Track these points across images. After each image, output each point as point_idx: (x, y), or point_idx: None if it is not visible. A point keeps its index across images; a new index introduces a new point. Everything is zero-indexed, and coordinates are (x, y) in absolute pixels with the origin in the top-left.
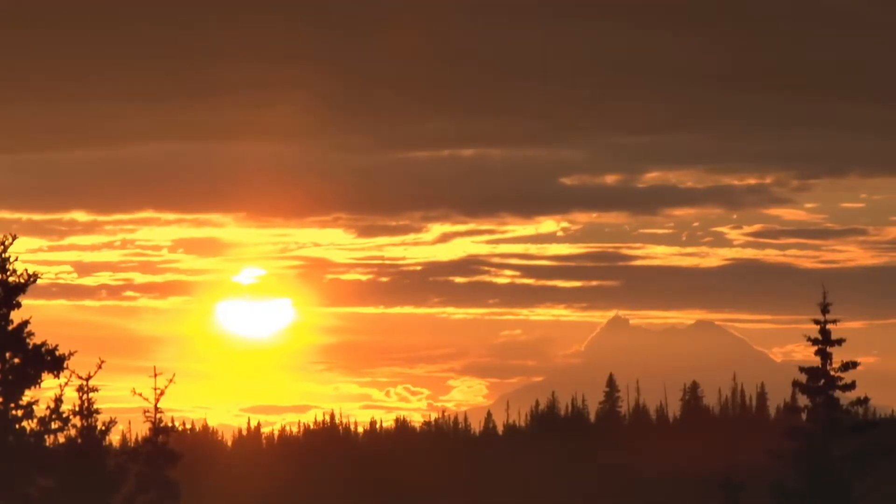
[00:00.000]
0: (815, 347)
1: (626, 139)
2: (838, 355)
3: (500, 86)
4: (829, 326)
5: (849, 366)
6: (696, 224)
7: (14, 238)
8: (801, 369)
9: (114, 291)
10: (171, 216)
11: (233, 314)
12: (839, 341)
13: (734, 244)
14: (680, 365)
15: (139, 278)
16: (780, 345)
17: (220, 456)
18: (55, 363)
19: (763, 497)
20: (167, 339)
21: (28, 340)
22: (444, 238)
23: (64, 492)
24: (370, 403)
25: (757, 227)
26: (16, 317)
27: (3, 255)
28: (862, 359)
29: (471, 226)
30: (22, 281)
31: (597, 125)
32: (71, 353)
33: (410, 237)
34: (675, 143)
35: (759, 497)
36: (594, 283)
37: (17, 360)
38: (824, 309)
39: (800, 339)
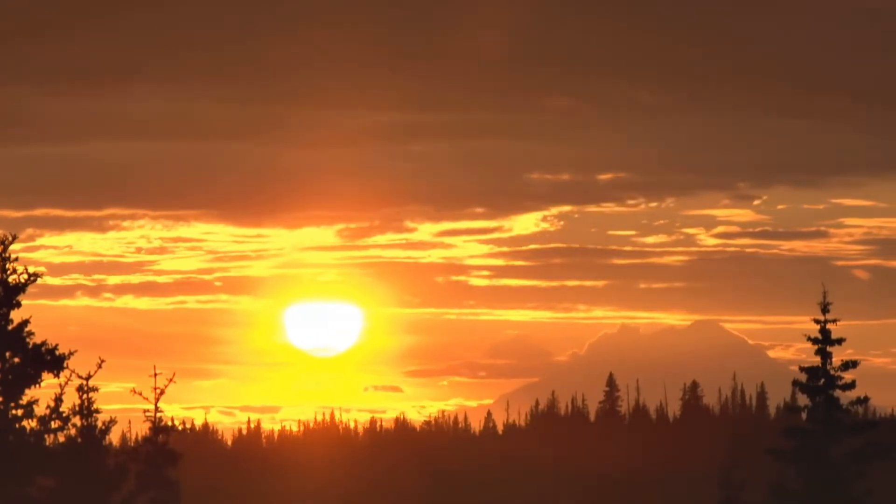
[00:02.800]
0: (815, 346)
1: (584, 135)
2: (837, 354)
3: (464, 80)
4: (828, 326)
5: (849, 365)
6: (677, 224)
7: (14, 237)
8: (801, 368)
9: (91, 291)
10: (140, 213)
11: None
12: (839, 340)
13: (710, 244)
14: (680, 364)
15: (113, 279)
16: (779, 344)
17: (219, 456)
18: (55, 363)
19: (763, 497)
20: (151, 338)
21: (28, 340)
22: (425, 237)
23: (64, 491)
24: (359, 404)
25: (725, 228)
26: (16, 316)
27: (3, 255)
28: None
29: (448, 224)
30: (22, 280)
31: (560, 121)
32: (71, 353)
33: (389, 236)
34: (642, 141)
35: (759, 497)
36: (586, 282)
37: (16, 360)
38: (824, 308)
39: (799, 338)
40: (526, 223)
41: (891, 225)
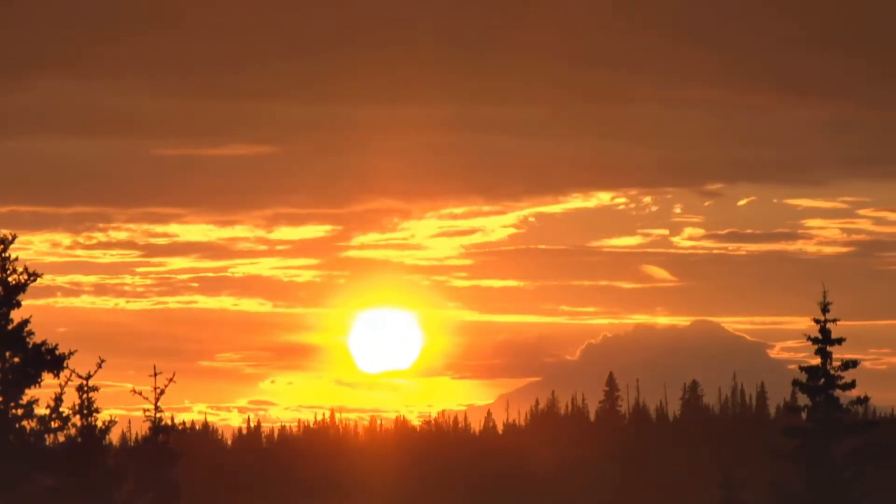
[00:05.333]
0: (815, 346)
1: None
2: (838, 354)
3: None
4: (828, 325)
5: (849, 365)
6: (658, 223)
7: (14, 237)
8: (801, 368)
9: (70, 293)
10: (112, 212)
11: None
12: (839, 340)
13: (686, 245)
14: (680, 364)
15: (89, 279)
16: (779, 344)
17: (219, 456)
18: (55, 362)
19: (763, 497)
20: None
21: (28, 340)
22: (404, 237)
23: (64, 491)
24: (355, 403)
25: (704, 230)
26: (16, 316)
27: (3, 255)
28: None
29: (428, 223)
30: (22, 280)
31: (538, 121)
32: (71, 353)
33: (373, 236)
34: (610, 145)
35: (759, 497)
36: (575, 282)
37: (16, 360)
38: (824, 308)
39: (800, 337)
40: (505, 223)
41: (855, 226)
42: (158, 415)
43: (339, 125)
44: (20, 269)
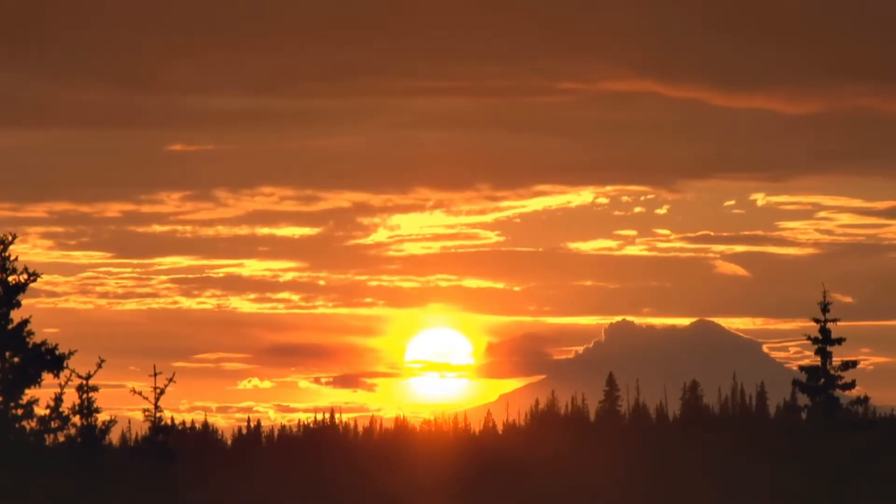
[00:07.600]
0: (815, 346)
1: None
2: (838, 354)
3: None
4: (828, 326)
5: (848, 365)
6: (646, 223)
7: (14, 237)
8: (801, 368)
9: (51, 294)
10: (84, 210)
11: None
12: (839, 340)
13: (674, 246)
14: (680, 364)
15: (70, 279)
16: (779, 343)
17: (220, 455)
18: (55, 362)
19: (763, 497)
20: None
21: (28, 340)
22: (382, 238)
23: (64, 491)
24: (352, 402)
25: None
26: (16, 316)
27: (3, 255)
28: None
29: (409, 223)
30: (22, 280)
31: (510, 120)
32: (71, 353)
33: (359, 239)
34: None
35: (759, 497)
36: (585, 282)
37: (16, 360)
38: (824, 308)
39: (800, 337)
40: (486, 223)
41: (824, 226)
42: (158, 415)
43: (324, 123)
44: (20, 269)
